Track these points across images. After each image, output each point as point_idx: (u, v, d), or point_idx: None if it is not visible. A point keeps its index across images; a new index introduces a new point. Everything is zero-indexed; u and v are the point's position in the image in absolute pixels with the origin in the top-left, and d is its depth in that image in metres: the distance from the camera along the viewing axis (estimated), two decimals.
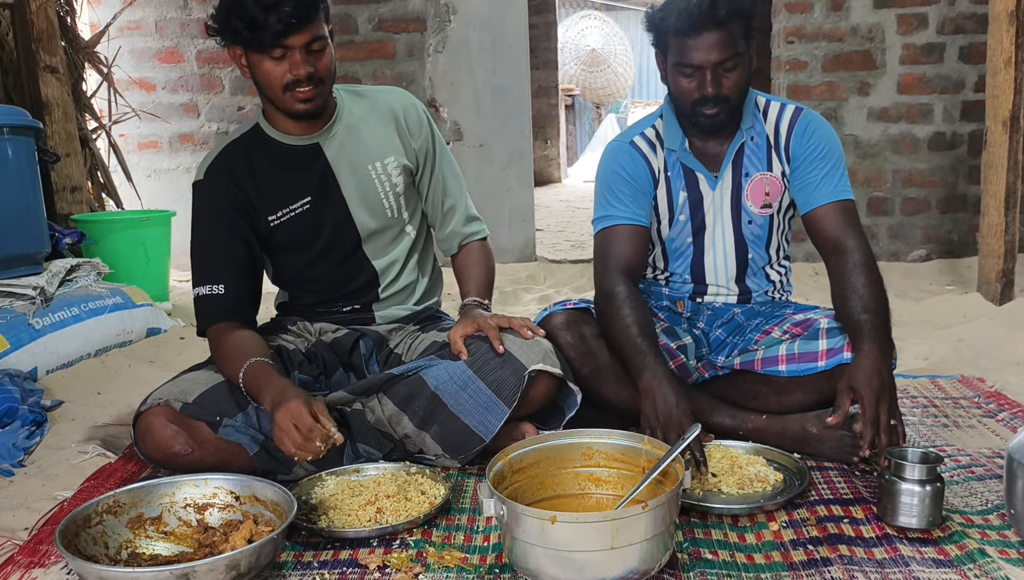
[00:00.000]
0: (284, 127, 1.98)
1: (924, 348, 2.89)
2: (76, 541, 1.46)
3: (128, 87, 4.74)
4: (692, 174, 2.07)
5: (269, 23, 1.76)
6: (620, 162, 2.09)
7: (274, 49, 1.80)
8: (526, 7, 4.71)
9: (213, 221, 1.98)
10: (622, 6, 13.96)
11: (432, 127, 2.13)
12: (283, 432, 1.69)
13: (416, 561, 1.54)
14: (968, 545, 1.53)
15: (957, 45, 4.36)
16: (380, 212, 2.06)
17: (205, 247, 1.99)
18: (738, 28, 1.88)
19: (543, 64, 9.30)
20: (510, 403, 1.85)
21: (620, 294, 1.96)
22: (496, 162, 4.75)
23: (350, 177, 2.02)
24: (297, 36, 1.79)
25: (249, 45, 1.82)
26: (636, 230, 2.04)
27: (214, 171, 2.00)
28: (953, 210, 4.51)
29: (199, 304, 1.97)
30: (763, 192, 2.05)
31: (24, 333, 2.67)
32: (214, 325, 1.95)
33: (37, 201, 3.13)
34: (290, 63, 1.82)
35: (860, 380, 1.74)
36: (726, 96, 1.91)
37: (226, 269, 1.96)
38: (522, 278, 4.41)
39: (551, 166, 9.82)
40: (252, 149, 2.01)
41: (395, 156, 2.06)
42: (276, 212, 2.00)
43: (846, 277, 1.90)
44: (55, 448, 2.15)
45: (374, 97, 2.09)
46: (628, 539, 1.36)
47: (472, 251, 2.18)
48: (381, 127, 2.06)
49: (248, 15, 1.77)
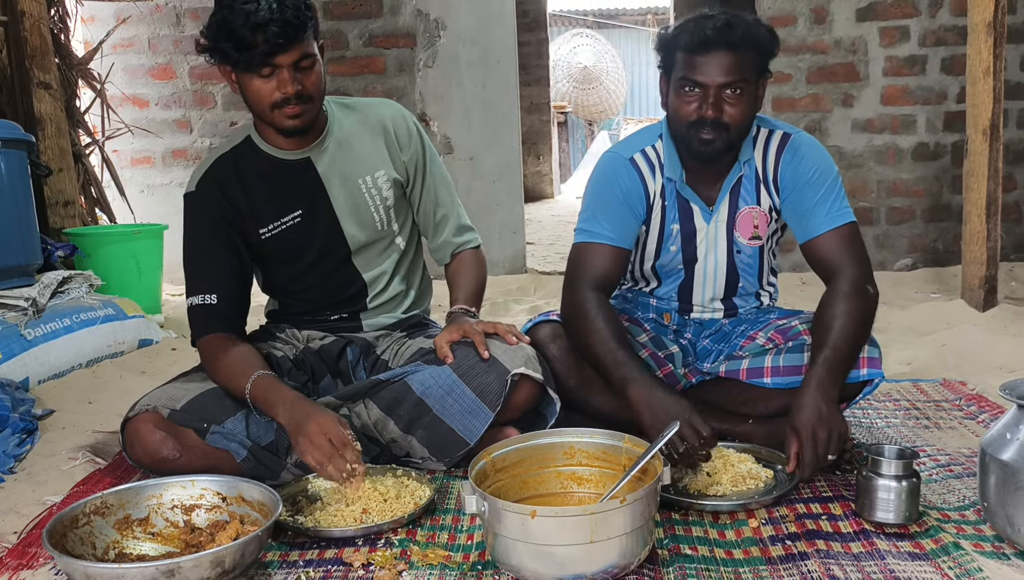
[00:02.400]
0: (275, 141, 2.00)
1: (907, 354, 2.93)
2: (64, 542, 1.47)
3: (121, 103, 4.78)
4: (687, 206, 2.03)
5: (257, 43, 1.77)
6: (616, 177, 2.02)
7: (262, 68, 1.81)
8: (515, 22, 4.76)
9: (204, 232, 2.00)
10: (614, 24, 14.09)
11: (423, 138, 2.14)
12: (313, 447, 1.70)
13: (400, 559, 1.56)
14: (943, 539, 1.56)
15: (939, 57, 4.43)
16: (370, 225, 2.09)
17: (197, 258, 2.01)
18: (750, 59, 1.83)
19: (535, 81, 9.35)
20: (494, 407, 1.87)
21: (591, 306, 1.92)
22: (486, 176, 4.79)
23: (340, 191, 2.04)
24: (285, 55, 1.80)
25: (237, 65, 1.83)
26: (616, 251, 2.00)
27: (205, 183, 2.02)
28: (938, 219, 4.57)
29: (192, 314, 1.99)
30: (752, 225, 2.02)
31: (16, 344, 2.69)
32: (207, 335, 1.97)
33: (29, 214, 3.16)
34: (278, 81, 1.82)
35: (799, 420, 1.73)
36: (726, 124, 1.85)
37: (217, 279, 1.98)
38: (512, 290, 4.45)
39: (544, 182, 9.86)
40: (243, 162, 2.02)
41: (385, 170, 2.08)
42: (267, 225, 2.02)
43: (823, 307, 1.88)
44: (45, 455, 2.16)
45: (364, 110, 2.11)
46: (607, 533, 1.38)
47: (464, 260, 2.20)
48: (371, 141, 2.08)
49: (236, 35, 1.77)
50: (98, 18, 4.77)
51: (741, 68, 1.82)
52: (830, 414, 1.74)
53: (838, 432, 1.74)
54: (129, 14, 4.73)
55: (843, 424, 1.76)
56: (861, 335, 1.86)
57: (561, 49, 12.03)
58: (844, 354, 1.82)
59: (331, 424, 1.72)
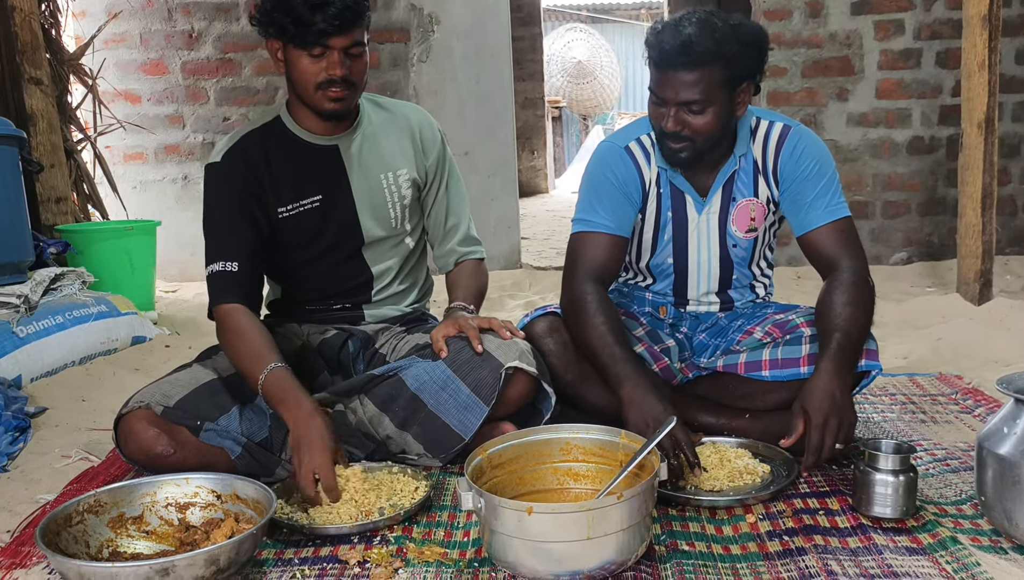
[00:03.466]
0: (308, 124, 2.01)
1: (903, 348, 2.93)
2: (57, 540, 1.46)
3: (113, 99, 4.75)
4: (680, 195, 2.03)
5: (315, 21, 1.81)
6: (611, 166, 2.02)
7: (315, 47, 1.84)
8: (509, 16, 4.75)
9: (228, 202, 1.99)
10: (608, 19, 14.07)
11: (445, 147, 2.18)
12: (301, 477, 1.68)
13: (396, 556, 1.55)
14: (941, 533, 1.56)
15: (934, 50, 4.42)
16: (385, 221, 2.10)
17: (220, 225, 1.99)
18: (717, 73, 1.80)
19: (529, 76, 9.34)
20: (489, 402, 1.87)
21: (590, 299, 1.93)
22: (481, 170, 4.78)
23: (362, 183, 2.06)
24: (340, 38, 1.84)
25: (292, 41, 1.85)
26: (614, 240, 2.00)
27: (231, 155, 2.00)
28: (933, 213, 4.57)
29: (212, 281, 1.95)
30: (748, 217, 2.02)
31: (8, 341, 2.67)
32: (226, 304, 1.92)
33: (21, 210, 3.14)
34: (328, 62, 1.86)
35: (812, 403, 1.71)
36: (690, 136, 1.86)
37: (239, 248, 1.96)
38: (507, 285, 4.44)
39: (538, 177, 9.86)
40: (271, 140, 2.02)
41: (407, 169, 2.10)
42: (286, 205, 2.02)
43: (829, 295, 1.88)
44: (38, 453, 2.15)
45: (394, 110, 2.14)
46: (604, 529, 1.38)
47: (466, 266, 2.21)
48: (398, 140, 2.11)
49: (295, 12, 1.81)
50: (89, 13, 4.73)
51: (701, 86, 1.80)
52: (843, 401, 1.73)
53: (849, 422, 1.73)
54: (121, 9, 4.70)
55: (854, 414, 1.75)
56: (867, 325, 1.87)
57: (555, 44, 12.00)
58: (855, 342, 1.82)
59: (324, 467, 1.67)
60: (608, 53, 12.39)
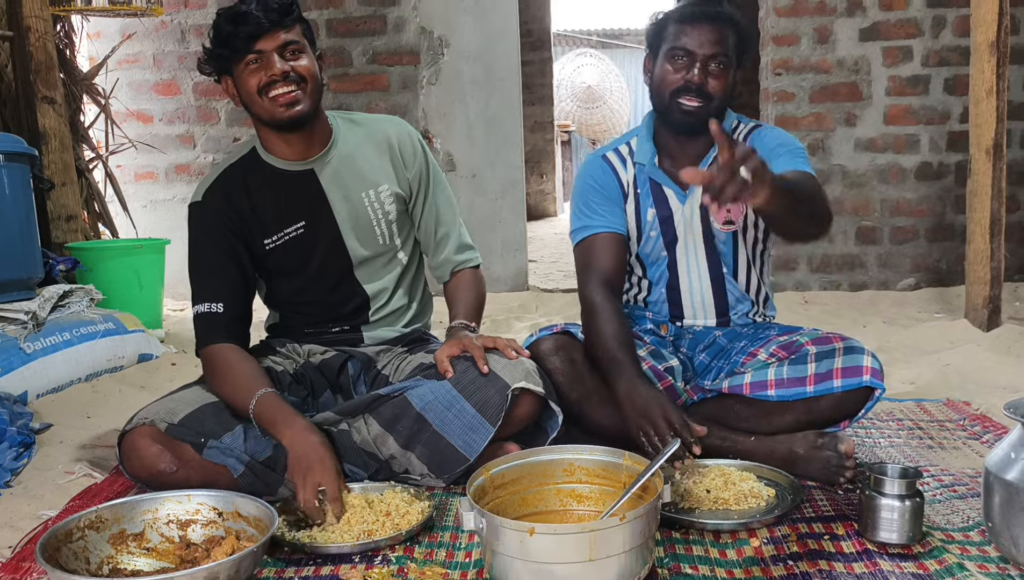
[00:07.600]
0: (280, 152, 2.02)
1: (910, 373, 2.91)
2: (57, 556, 1.46)
3: (126, 118, 4.80)
4: (660, 190, 2.10)
5: (239, 32, 1.86)
6: (591, 174, 2.17)
7: (247, 56, 1.88)
8: (518, 40, 4.78)
9: (211, 242, 2.01)
10: (618, 44, 14.16)
11: (427, 156, 2.16)
12: (304, 491, 1.71)
13: (397, 576, 1.54)
14: (947, 560, 1.54)
15: (942, 77, 4.43)
16: (372, 239, 2.09)
17: (203, 267, 2.02)
18: (732, 38, 1.97)
19: (539, 100, 9.40)
20: (495, 422, 1.86)
21: (598, 306, 2.02)
22: (489, 193, 4.80)
23: (343, 204, 2.05)
24: (267, 39, 1.87)
25: (231, 61, 1.90)
26: (614, 238, 2.10)
27: (212, 193, 2.03)
28: (941, 239, 4.56)
29: (199, 322, 2.00)
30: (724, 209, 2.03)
31: (15, 357, 2.68)
32: (213, 344, 1.97)
33: (31, 227, 3.16)
34: (264, 65, 1.88)
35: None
36: (709, 93, 1.96)
37: (223, 288, 2.00)
38: (514, 307, 4.44)
39: (547, 200, 9.89)
40: (249, 173, 2.04)
41: (388, 184, 2.09)
42: (271, 235, 2.04)
43: None
44: (42, 469, 2.15)
45: (370, 125, 2.13)
46: (606, 551, 1.37)
47: (463, 278, 2.20)
48: (376, 155, 2.09)
49: (223, 35, 1.88)
50: (104, 34, 4.79)
51: (725, 44, 1.95)
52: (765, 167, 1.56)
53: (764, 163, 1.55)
54: (135, 30, 4.76)
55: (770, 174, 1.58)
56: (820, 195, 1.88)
57: (565, 68, 12.08)
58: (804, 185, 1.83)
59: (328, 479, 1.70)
60: (618, 78, 12.47)
